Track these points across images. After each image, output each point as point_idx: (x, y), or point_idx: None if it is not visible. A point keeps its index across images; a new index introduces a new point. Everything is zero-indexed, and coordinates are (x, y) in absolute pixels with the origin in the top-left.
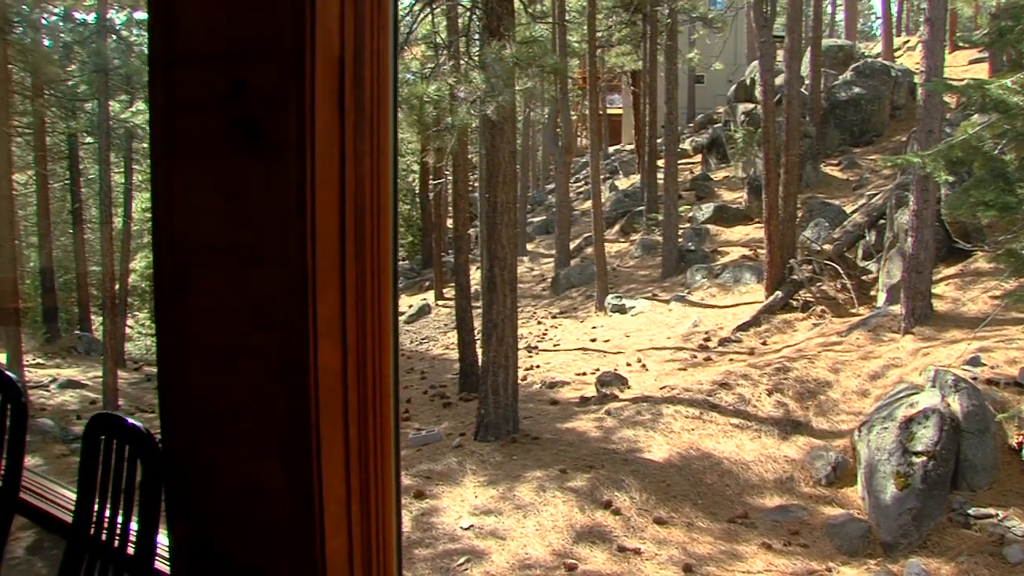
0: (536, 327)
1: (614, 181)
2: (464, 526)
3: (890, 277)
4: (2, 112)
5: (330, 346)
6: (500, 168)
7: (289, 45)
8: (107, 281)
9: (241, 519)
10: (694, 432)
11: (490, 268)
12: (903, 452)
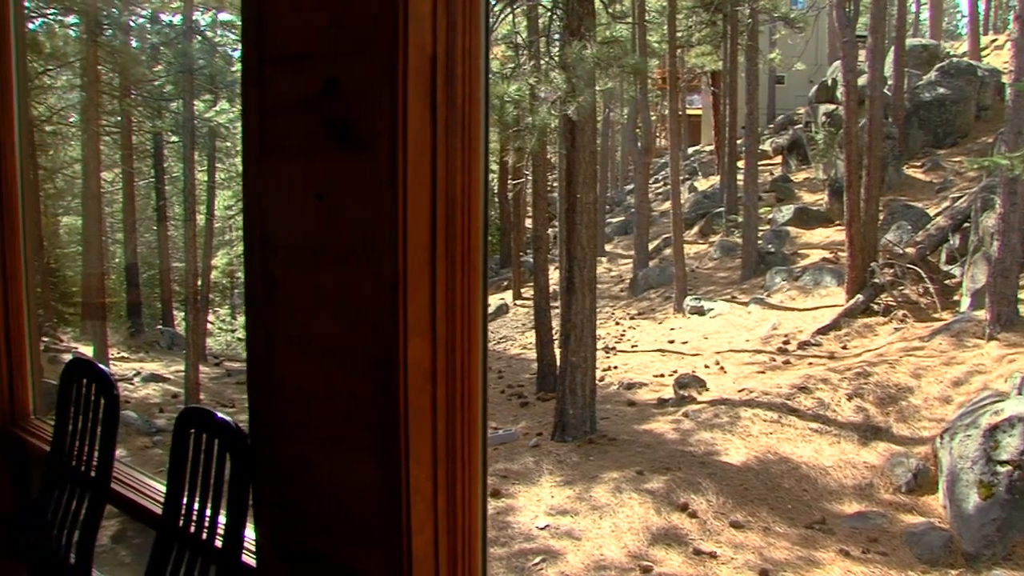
0: (614, 328)
1: (693, 182)
2: (540, 526)
3: (974, 282)
4: (91, 112)
5: (420, 343)
6: (580, 168)
7: (382, 44)
8: (190, 277)
9: (328, 514)
10: (772, 436)
11: (569, 268)
12: (987, 461)
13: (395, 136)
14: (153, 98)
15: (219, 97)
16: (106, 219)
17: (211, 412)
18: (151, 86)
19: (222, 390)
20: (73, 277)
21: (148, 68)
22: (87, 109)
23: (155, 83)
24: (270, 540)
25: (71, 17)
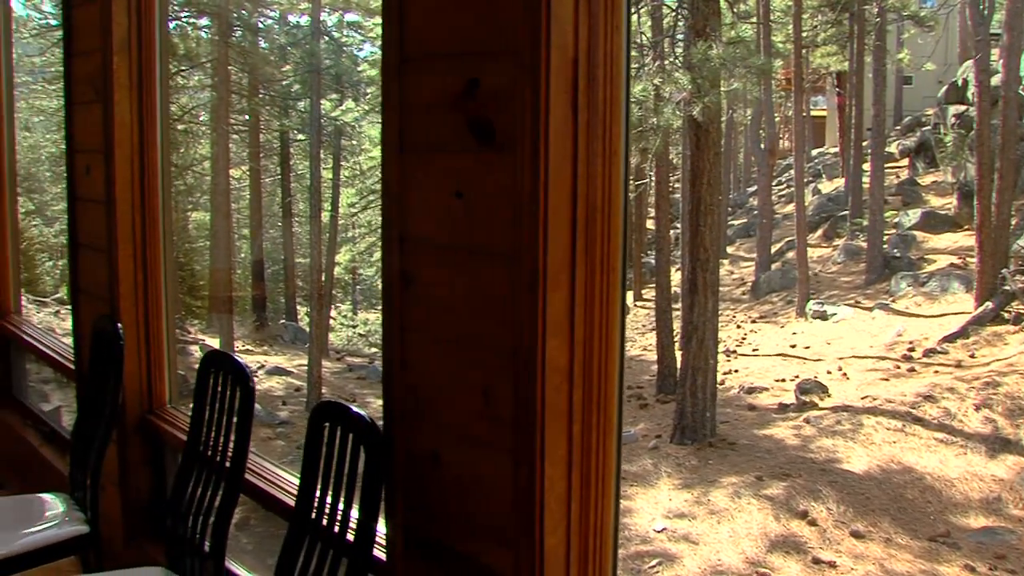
0: (735, 331)
1: (817, 185)
2: (657, 528)
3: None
4: (221, 110)
5: (558, 344)
6: (704, 169)
7: (524, 45)
8: (314, 273)
9: (461, 510)
10: (895, 445)
11: (692, 270)
12: None
13: (537, 137)
14: (281, 97)
15: (345, 96)
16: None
17: (346, 406)
18: (279, 85)
19: (344, 385)
20: (201, 271)
21: (276, 68)
22: (217, 108)
23: (283, 82)
24: (401, 534)
25: (204, 19)
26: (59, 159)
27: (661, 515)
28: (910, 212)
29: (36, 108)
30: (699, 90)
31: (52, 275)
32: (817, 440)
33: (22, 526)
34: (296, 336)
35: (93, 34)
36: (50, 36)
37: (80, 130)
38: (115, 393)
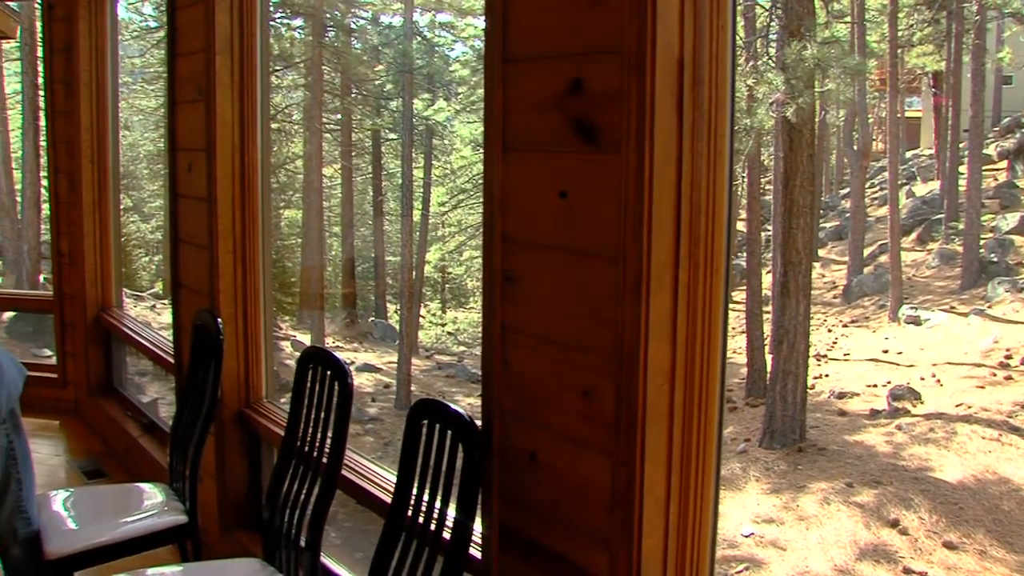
0: (826, 335)
1: (911, 187)
2: (744, 533)
3: None
4: (315, 110)
5: (661, 345)
6: (798, 171)
7: (630, 45)
8: (405, 271)
9: (558, 510)
10: (991, 455)
11: (784, 273)
12: None
13: (642, 138)
14: (373, 97)
15: (437, 96)
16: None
17: (445, 403)
18: (371, 85)
19: (432, 382)
20: (292, 268)
21: (369, 68)
22: (310, 107)
23: (375, 82)
24: (497, 532)
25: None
26: (156, 157)
27: (749, 519)
28: (1008, 216)
29: (135, 108)
30: (793, 91)
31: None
32: (909, 447)
33: (123, 514)
34: (386, 333)
35: (197, 35)
36: (150, 38)
37: (183, 128)
38: (214, 387)
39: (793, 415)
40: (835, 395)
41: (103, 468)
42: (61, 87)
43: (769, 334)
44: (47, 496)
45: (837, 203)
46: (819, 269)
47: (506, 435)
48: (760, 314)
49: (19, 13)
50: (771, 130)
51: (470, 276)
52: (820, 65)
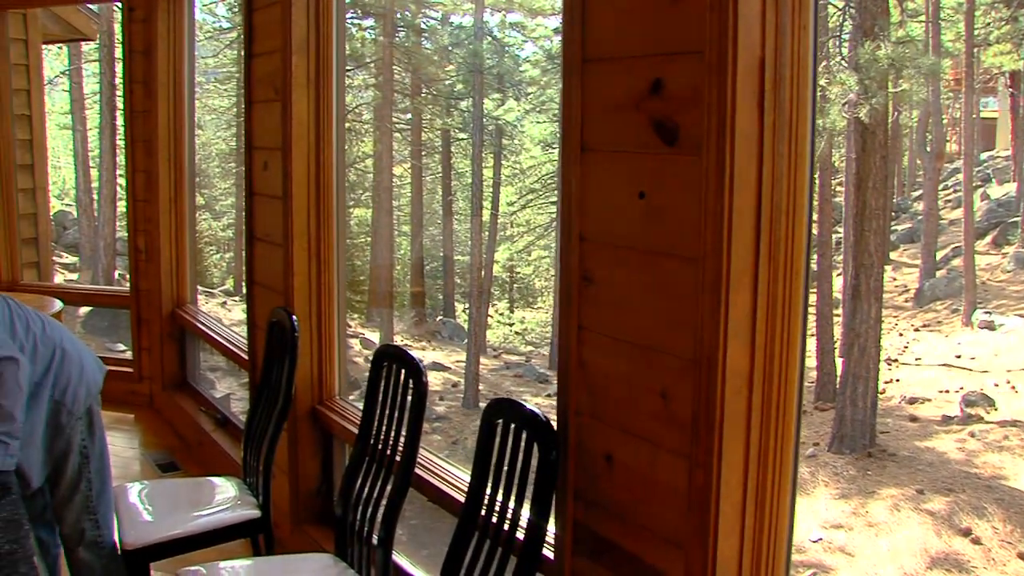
0: (897, 339)
1: (986, 189)
2: (813, 539)
3: None
4: (385, 109)
5: (740, 347)
6: (870, 173)
7: (711, 44)
8: (474, 271)
9: (633, 511)
10: None
11: (855, 276)
12: None
13: (723, 138)
14: (443, 96)
15: (507, 96)
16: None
17: (520, 403)
18: (442, 85)
19: (500, 382)
20: (361, 266)
21: (440, 68)
22: (381, 107)
23: (446, 82)
24: (571, 532)
25: (369, 20)
26: (228, 156)
27: (818, 525)
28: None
29: (208, 107)
30: (866, 91)
31: (219, 267)
32: (982, 455)
33: (197, 507)
34: (454, 332)
35: (273, 35)
36: (222, 38)
37: (259, 128)
38: (289, 383)
39: (863, 420)
40: (906, 400)
41: (176, 461)
42: (140, 87)
43: (839, 337)
44: (123, 488)
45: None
46: (891, 272)
47: (581, 435)
48: (831, 317)
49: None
50: (843, 131)
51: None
52: (894, 65)
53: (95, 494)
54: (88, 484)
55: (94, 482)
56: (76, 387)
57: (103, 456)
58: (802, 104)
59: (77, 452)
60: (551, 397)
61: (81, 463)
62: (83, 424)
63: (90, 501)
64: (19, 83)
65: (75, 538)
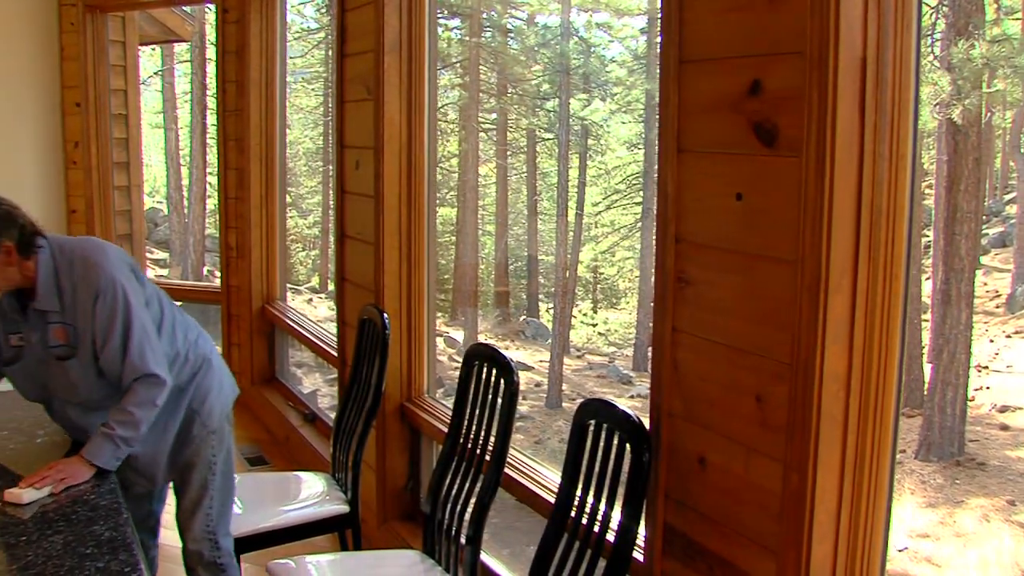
0: (988, 346)
1: None
2: (898, 547)
3: None
4: (471, 109)
5: (838, 351)
6: (962, 175)
7: (812, 45)
8: (559, 271)
9: (725, 515)
10: None
11: (946, 280)
12: None
13: (823, 140)
14: (529, 96)
15: (593, 96)
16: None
17: (613, 403)
18: (528, 85)
19: (583, 382)
20: (445, 265)
21: (526, 68)
22: (467, 107)
23: (532, 82)
24: (661, 535)
25: (455, 20)
26: (315, 154)
27: (904, 533)
28: None
29: (296, 106)
30: (959, 92)
31: (305, 265)
32: None
33: (286, 501)
34: (537, 332)
35: (366, 36)
36: (310, 39)
37: (350, 127)
38: (379, 380)
39: (952, 427)
40: (997, 408)
41: (265, 456)
42: (232, 87)
43: (928, 343)
44: None
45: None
46: (982, 277)
47: (673, 437)
48: (919, 321)
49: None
50: (933, 132)
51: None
52: (989, 64)
53: (215, 513)
54: (211, 501)
55: (216, 500)
56: (213, 401)
57: (228, 475)
58: (903, 105)
59: (205, 466)
60: (634, 398)
61: (208, 478)
62: (215, 439)
63: (210, 520)
64: (117, 83)
65: (194, 556)
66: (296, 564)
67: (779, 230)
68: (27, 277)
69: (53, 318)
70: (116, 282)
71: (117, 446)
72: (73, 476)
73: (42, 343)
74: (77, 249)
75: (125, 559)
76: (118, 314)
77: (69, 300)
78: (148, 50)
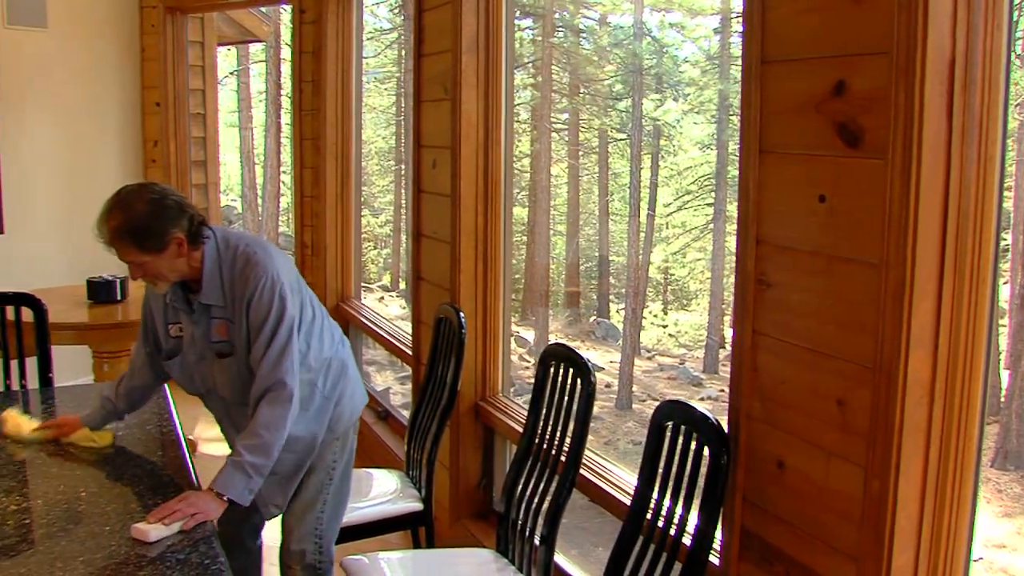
0: None
1: None
2: (974, 557)
3: None
4: (544, 109)
5: (922, 355)
6: None
7: (899, 45)
8: (631, 271)
9: (803, 520)
10: None
11: None
12: None
13: (909, 142)
14: (601, 97)
15: (666, 97)
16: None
17: (691, 405)
18: (600, 85)
19: (653, 384)
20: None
21: (599, 68)
22: (539, 107)
23: (604, 82)
24: (738, 539)
25: (527, 20)
26: (387, 154)
27: (979, 543)
28: None
29: (368, 106)
30: None
31: (376, 263)
32: None
33: (358, 498)
34: (608, 333)
35: (443, 36)
36: (383, 39)
37: (427, 126)
38: (455, 379)
39: None
40: None
41: None
42: (309, 87)
43: (1006, 348)
44: None
45: None
46: None
47: (752, 440)
48: (996, 327)
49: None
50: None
51: (693, 278)
52: None
53: (326, 517)
54: (323, 506)
55: (328, 504)
56: (344, 407)
57: (345, 481)
58: (993, 106)
59: (324, 471)
60: (705, 401)
61: (324, 482)
62: (338, 445)
63: (320, 524)
64: (195, 83)
65: (296, 556)
66: (370, 560)
67: (863, 233)
68: (193, 268)
69: (216, 312)
70: (276, 282)
71: (249, 476)
72: (205, 512)
73: (204, 338)
74: (241, 243)
75: (205, 551)
76: (271, 315)
77: (229, 294)
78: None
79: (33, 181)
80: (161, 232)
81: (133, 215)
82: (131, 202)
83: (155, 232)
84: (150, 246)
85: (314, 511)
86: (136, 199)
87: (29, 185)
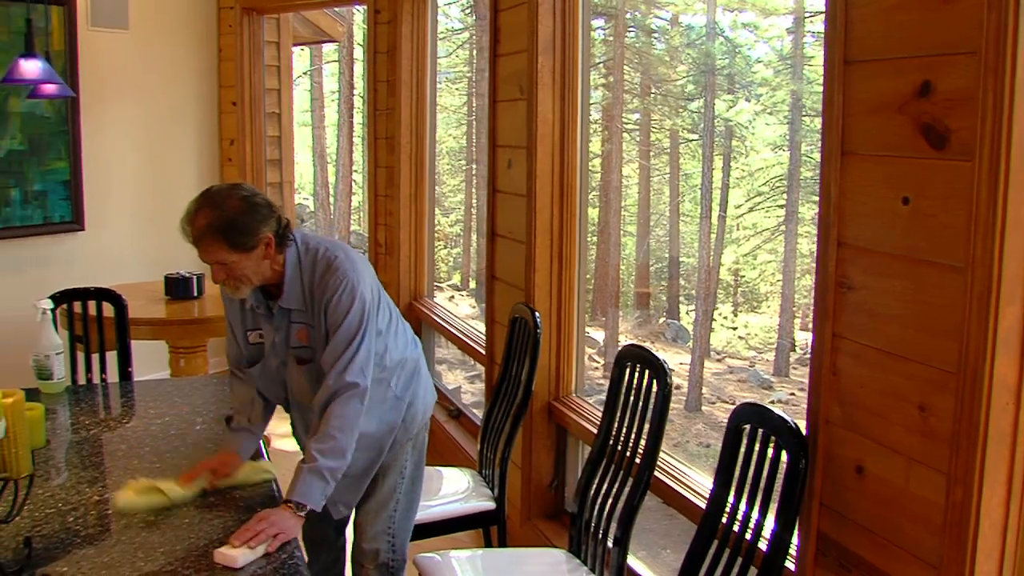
0: None
1: None
2: None
3: None
4: (615, 109)
5: (1009, 360)
6: None
7: (988, 45)
8: (702, 273)
9: (883, 526)
10: None
11: None
12: None
13: (998, 143)
14: (673, 97)
15: (738, 97)
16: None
17: (769, 408)
18: (672, 85)
19: (723, 386)
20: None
21: (671, 68)
22: (610, 107)
23: (676, 82)
24: (815, 543)
25: (599, 20)
26: (458, 153)
27: None
28: None
29: (440, 105)
30: None
31: (446, 262)
32: None
33: (430, 496)
34: (677, 334)
35: (519, 36)
36: (455, 39)
37: (503, 126)
38: (529, 378)
39: None
40: None
41: None
42: (383, 86)
43: None
44: None
45: None
46: None
47: (831, 444)
48: None
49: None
50: None
51: (764, 280)
52: None
53: (399, 516)
54: (396, 505)
55: (401, 503)
56: (417, 407)
57: (417, 480)
58: None
59: (397, 471)
60: (775, 404)
61: (397, 482)
62: (411, 445)
63: (392, 522)
64: (271, 83)
65: (369, 555)
66: (442, 558)
67: (948, 236)
68: (275, 272)
69: (297, 317)
70: (356, 287)
71: (326, 482)
72: (286, 531)
73: (284, 343)
74: (322, 247)
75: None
76: (348, 317)
77: (310, 299)
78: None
79: (113, 179)
80: (252, 230)
81: (225, 212)
82: (222, 199)
83: (246, 230)
84: (241, 244)
85: (387, 510)
86: (228, 196)
87: (109, 183)
